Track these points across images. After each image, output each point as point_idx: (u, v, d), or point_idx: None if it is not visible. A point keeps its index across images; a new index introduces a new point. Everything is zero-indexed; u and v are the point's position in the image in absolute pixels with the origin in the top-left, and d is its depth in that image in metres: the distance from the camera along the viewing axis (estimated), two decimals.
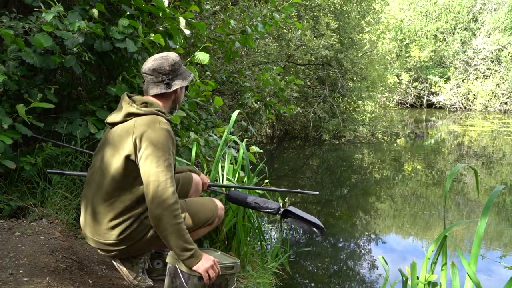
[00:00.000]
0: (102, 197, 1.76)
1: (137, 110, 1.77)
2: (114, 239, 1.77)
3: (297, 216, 2.34)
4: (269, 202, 2.32)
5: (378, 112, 14.24)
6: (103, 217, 1.77)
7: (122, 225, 1.76)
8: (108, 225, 1.76)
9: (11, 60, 2.41)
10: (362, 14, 11.20)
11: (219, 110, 5.54)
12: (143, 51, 2.82)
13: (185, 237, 1.64)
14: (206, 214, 1.95)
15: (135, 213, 1.77)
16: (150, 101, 1.82)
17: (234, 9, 5.88)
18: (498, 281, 3.40)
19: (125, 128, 1.76)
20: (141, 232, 1.80)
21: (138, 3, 2.74)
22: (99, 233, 1.79)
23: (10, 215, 2.35)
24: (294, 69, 10.58)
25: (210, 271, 1.66)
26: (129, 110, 1.77)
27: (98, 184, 1.78)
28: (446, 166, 8.37)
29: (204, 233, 2.04)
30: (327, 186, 6.69)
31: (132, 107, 1.78)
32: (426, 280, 1.83)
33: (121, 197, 1.75)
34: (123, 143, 1.73)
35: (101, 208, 1.77)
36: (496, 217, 5.10)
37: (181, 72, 1.90)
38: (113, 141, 1.77)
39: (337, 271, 3.66)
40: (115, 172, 1.73)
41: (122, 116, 1.78)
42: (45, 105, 2.37)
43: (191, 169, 2.28)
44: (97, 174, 1.80)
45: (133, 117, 1.77)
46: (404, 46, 23.72)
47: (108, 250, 1.83)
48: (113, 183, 1.74)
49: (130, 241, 1.80)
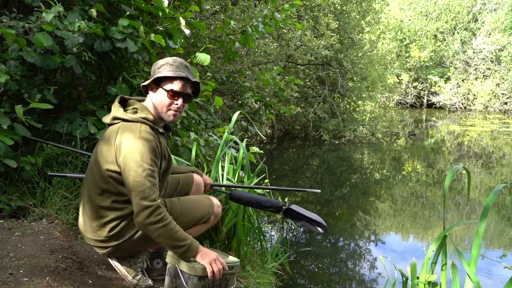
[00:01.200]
0: (93, 196, 1.80)
1: (122, 115, 1.78)
2: (105, 235, 1.81)
3: (299, 214, 2.34)
4: (271, 201, 2.32)
5: (378, 112, 14.24)
6: (95, 215, 1.80)
7: (112, 223, 1.80)
8: (99, 222, 1.80)
9: (12, 60, 2.41)
10: (362, 14, 11.21)
11: (219, 110, 5.54)
12: (143, 51, 2.82)
13: (175, 236, 1.66)
14: (200, 211, 1.95)
15: (123, 213, 1.80)
16: (141, 108, 1.82)
17: (234, 9, 5.88)
18: (498, 281, 3.40)
19: (111, 132, 1.78)
20: (130, 230, 1.82)
21: (138, 3, 2.74)
22: (92, 230, 1.83)
23: (10, 215, 2.35)
24: (294, 69, 10.59)
25: (214, 264, 1.68)
26: (116, 114, 1.79)
27: (90, 183, 1.82)
28: (446, 166, 8.38)
29: (200, 232, 2.04)
30: (327, 186, 6.68)
31: (119, 111, 1.79)
32: (426, 280, 1.83)
33: (109, 197, 1.78)
34: (108, 146, 1.76)
35: (93, 206, 1.80)
36: (496, 217, 5.10)
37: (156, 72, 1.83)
38: (103, 142, 1.80)
39: (337, 271, 3.66)
40: (103, 173, 1.76)
41: (110, 119, 1.81)
42: (44, 105, 2.37)
43: (194, 170, 2.28)
44: (90, 173, 1.83)
45: (119, 121, 1.79)
46: (404, 46, 23.73)
47: (102, 247, 1.86)
48: (102, 183, 1.77)
49: (120, 238, 1.82)
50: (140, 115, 1.78)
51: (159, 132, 1.83)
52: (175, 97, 1.81)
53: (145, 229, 1.66)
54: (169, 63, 1.83)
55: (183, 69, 1.84)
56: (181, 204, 1.93)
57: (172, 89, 1.80)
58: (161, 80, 1.82)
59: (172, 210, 1.88)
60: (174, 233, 1.66)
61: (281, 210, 2.35)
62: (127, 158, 1.67)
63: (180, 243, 1.66)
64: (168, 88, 1.80)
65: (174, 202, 1.92)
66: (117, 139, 1.72)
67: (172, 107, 1.82)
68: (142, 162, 1.67)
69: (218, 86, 5.58)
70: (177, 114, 1.84)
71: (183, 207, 1.92)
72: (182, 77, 1.81)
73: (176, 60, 1.85)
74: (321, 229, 2.32)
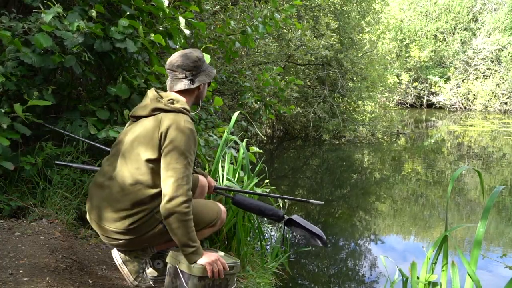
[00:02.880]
0: (119, 185, 1.77)
1: (164, 106, 1.82)
2: (123, 228, 1.78)
3: (300, 226, 2.34)
4: (273, 210, 2.33)
5: (378, 112, 14.23)
6: (116, 204, 1.77)
7: (133, 216, 1.77)
8: (120, 214, 1.77)
9: (9, 61, 2.41)
10: (362, 14, 11.20)
11: (219, 110, 5.54)
12: (143, 51, 2.82)
13: (191, 234, 1.69)
14: (210, 215, 1.97)
15: (148, 207, 1.78)
16: (176, 99, 1.87)
17: (234, 9, 5.88)
18: (498, 281, 3.40)
19: (152, 122, 1.80)
20: (150, 226, 1.81)
21: (138, 3, 2.74)
22: (108, 219, 1.79)
23: (10, 215, 2.35)
24: (294, 69, 10.58)
25: (215, 264, 1.69)
26: (157, 105, 1.83)
27: (118, 172, 1.80)
28: (446, 166, 8.38)
29: (207, 235, 2.05)
30: (327, 186, 6.69)
31: (160, 102, 1.83)
32: (426, 280, 1.83)
33: (138, 190, 1.76)
34: (149, 136, 1.77)
35: (117, 195, 1.77)
36: (496, 217, 5.10)
37: (204, 69, 1.96)
38: (139, 133, 1.80)
39: (337, 271, 3.66)
40: (137, 164, 1.76)
41: (149, 111, 1.83)
42: (43, 102, 2.37)
43: (199, 171, 2.29)
44: (118, 162, 1.82)
45: (159, 112, 1.82)
46: (404, 46, 23.73)
47: (115, 239, 1.82)
48: (134, 175, 1.76)
49: (138, 232, 1.80)
50: (179, 106, 1.84)
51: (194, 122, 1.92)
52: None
53: (170, 216, 1.67)
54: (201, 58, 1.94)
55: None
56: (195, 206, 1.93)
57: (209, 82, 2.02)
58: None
59: None
60: (191, 231, 1.69)
61: (283, 219, 2.35)
62: (174, 143, 1.72)
63: (192, 243, 1.69)
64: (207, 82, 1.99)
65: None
66: (162, 127, 1.76)
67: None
68: (186, 151, 1.73)
69: (218, 86, 5.58)
70: None
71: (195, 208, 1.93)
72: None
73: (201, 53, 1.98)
74: (320, 243, 2.33)
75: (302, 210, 5.22)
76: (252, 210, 2.36)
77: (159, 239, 1.87)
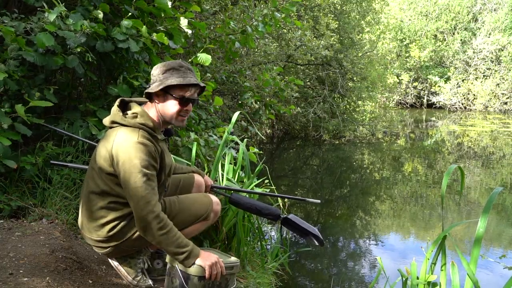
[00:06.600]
0: (93, 196, 1.80)
1: (121, 120, 1.75)
2: (104, 236, 1.81)
3: (296, 225, 2.34)
4: (270, 209, 2.33)
5: (378, 112, 14.22)
6: (94, 215, 1.80)
7: (111, 223, 1.79)
8: (98, 222, 1.80)
9: (11, 59, 2.41)
10: (362, 14, 11.20)
11: (219, 110, 5.54)
12: (144, 51, 2.82)
13: (176, 242, 1.67)
14: (199, 209, 1.96)
15: (122, 214, 1.80)
16: (141, 113, 1.76)
17: (234, 9, 5.88)
18: (498, 280, 3.40)
19: (109, 135, 1.77)
20: (130, 230, 1.82)
21: (139, 4, 2.74)
22: (91, 230, 1.83)
23: (10, 215, 2.36)
24: (294, 69, 10.57)
25: (214, 267, 1.69)
26: (114, 119, 1.77)
27: (90, 183, 1.81)
28: (446, 166, 8.37)
29: (201, 229, 2.04)
30: (327, 186, 6.69)
31: (118, 115, 1.76)
32: (425, 280, 1.83)
33: (108, 198, 1.78)
34: (103, 151, 1.74)
35: (92, 206, 1.80)
36: (496, 217, 5.10)
37: (163, 78, 1.76)
38: (102, 144, 1.79)
39: (337, 271, 3.66)
40: (101, 174, 1.77)
41: (109, 122, 1.80)
42: (44, 103, 2.37)
43: (195, 170, 2.29)
44: (90, 174, 1.83)
45: (116, 125, 1.77)
46: (404, 46, 23.70)
47: (102, 247, 1.86)
48: (101, 184, 1.77)
49: (120, 238, 1.82)
50: (139, 121, 1.74)
51: (158, 139, 1.79)
52: (185, 103, 1.79)
53: (147, 235, 1.67)
54: (175, 68, 1.77)
55: (190, 73, 1.80)
56: (180, 202, 1.94)
57: (183, 96, 1.77)
58: (169, 88, 1.77)
59: (172, 209, 1.89)
60: (175, 239, 1.66)
61: (279, 219, 2.35)
62: (125, 164, 1.65)
63: (181, 250, 1.67)
64: (178, 96, 1.77)
65: (172, 200, 1.93)
66: (114, 146, 1.69)
67: (182, 113, 1.81)
68: (141, 167, 1.65)
69: (218, 86, 5.59)
70: (185, 119, 1.86)
71: (182, 205, 1.93)
72: (192, 84, 1.78)
73: (181, 64, 1.80)
74: (317, 242, 2.32)
75: (302, 210, 5.22)
76: (249, 209, 2.36)
77: (147, 242, 1.86)
